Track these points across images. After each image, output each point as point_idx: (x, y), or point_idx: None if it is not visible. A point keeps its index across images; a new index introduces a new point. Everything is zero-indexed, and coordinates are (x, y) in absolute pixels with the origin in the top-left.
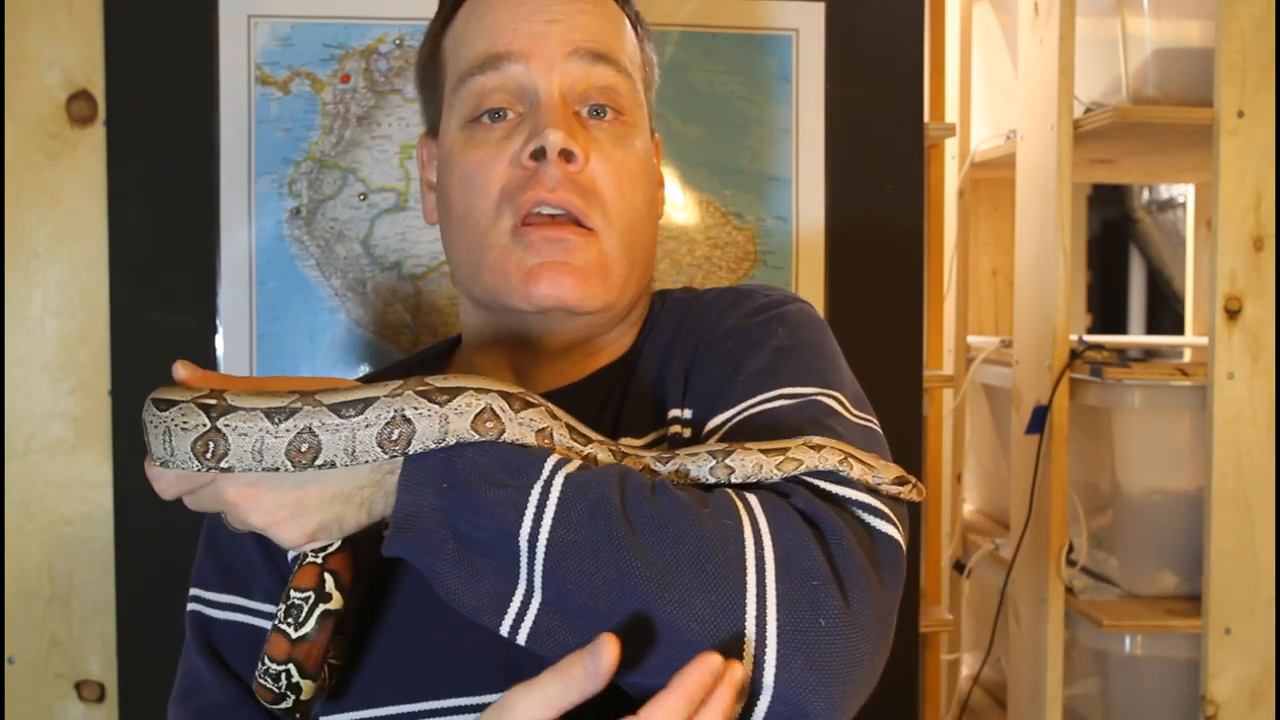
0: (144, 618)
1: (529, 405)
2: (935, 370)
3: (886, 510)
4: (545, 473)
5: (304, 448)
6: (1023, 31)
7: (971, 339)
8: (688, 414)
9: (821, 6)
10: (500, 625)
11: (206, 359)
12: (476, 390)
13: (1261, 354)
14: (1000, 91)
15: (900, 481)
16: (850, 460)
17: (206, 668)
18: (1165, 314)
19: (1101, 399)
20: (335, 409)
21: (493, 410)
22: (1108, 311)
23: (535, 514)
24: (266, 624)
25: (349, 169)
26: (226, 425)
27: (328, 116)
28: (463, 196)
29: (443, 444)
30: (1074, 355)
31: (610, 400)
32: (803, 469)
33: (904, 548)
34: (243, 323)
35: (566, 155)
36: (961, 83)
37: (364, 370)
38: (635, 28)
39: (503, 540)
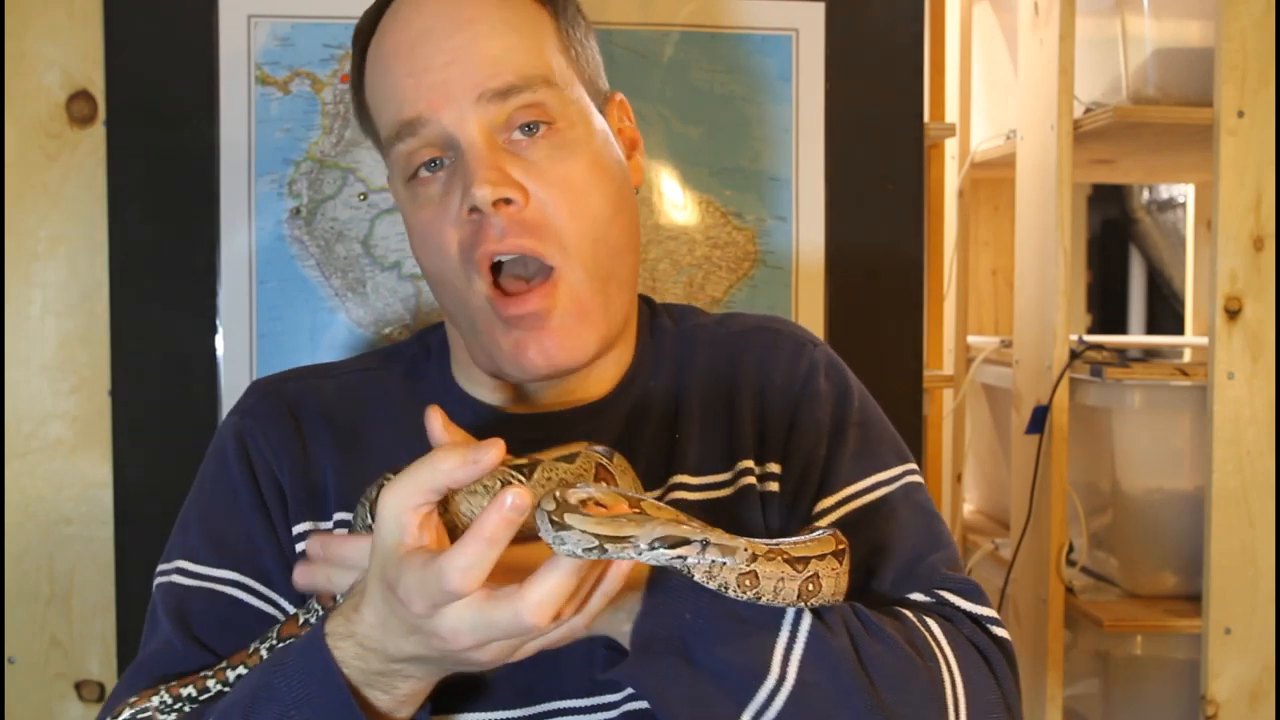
0: (144, 618)
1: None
2: (935, 370)
3: (997, 615)
4: (790, 613)
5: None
6: (1023, 31)
7: (971, 339)
8: (775, 469)
9: (821, 6)
10: None
11: (206, 359)
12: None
13: (1261, 354)
14: (1000, 91)
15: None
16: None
17: (176, 637)
18: (1165, 314)
19: (1101, 399)
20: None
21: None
22: (1108, 311)
23: (784, 650)
24: (255, 602)
25: (349, 169)
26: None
27: (328, 116)
28: (428, 257)
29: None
30: (1074, 355)
31: (639, 428)
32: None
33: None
34: (243, 323)
35: (504, 201)
36: (961, 83)
37: None
38: (550, 5)
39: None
